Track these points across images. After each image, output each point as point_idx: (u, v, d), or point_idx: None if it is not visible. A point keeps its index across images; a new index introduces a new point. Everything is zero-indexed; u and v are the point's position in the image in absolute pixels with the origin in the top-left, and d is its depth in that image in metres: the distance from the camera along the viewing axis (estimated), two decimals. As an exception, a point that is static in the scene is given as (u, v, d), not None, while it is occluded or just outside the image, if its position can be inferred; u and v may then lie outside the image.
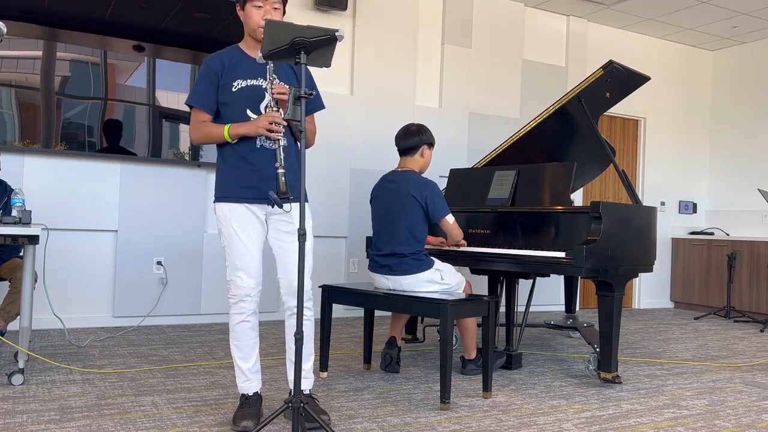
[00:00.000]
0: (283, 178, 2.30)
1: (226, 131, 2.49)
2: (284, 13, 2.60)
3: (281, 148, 2.39)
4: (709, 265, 6.88)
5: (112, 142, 4.62)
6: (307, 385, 2.68)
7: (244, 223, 2.55)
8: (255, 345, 2.63)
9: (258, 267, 2.58)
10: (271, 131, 2.42)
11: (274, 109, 2.45)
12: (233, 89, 2.53)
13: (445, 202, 3.36)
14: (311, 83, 2.70)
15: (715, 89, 7.57)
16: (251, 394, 2.61)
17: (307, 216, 2.67)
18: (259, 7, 2.51)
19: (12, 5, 4.30)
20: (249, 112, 2.55)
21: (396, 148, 3.53)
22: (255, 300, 2.59)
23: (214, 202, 2.62)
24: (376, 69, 5.62)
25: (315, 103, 2.72)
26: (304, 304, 2.65)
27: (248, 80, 2.55)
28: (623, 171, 3.82)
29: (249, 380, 2.62)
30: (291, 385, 2.70)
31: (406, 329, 4.40)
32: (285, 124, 2.44)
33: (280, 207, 2.25)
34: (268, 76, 2.44)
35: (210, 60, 2.57)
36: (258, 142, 2.54)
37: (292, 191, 2.59)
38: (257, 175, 2.54)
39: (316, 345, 3.97)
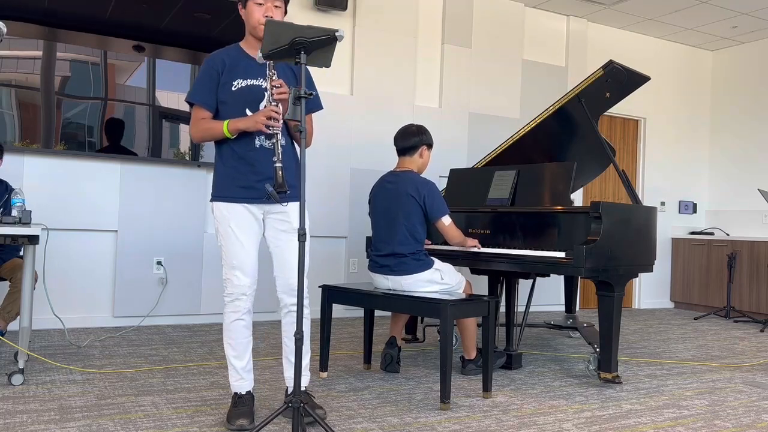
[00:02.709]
0: (280, 172, 2.30)
1: (225, 126, 2.50)
2: (285, 12, 2.60)
3: (279, 143, 2.39)
4: (709, 265, 6.88)
5: (113, 142, 4.62)
6: (304, 381, 2.71)
7: (241, 223, 2.56)
8: (249, 344, 2.64)
9: (254, 266, 2.60)
10: (268, 126, 2.43)
11: (273, 104, 2.45)
12: (233, 88, 2.55)
13: (444, 203, 3.35)
14: (310, 84, 2.69)
15: (715, 89, 7.57)
16: (244, 393, 2.62)
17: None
18: (260, 4, 2.53)
19: (12, 5, 4.30)
20: (248, 112, 2.56)
21: (395, 149, 3.54)
22: (250, 299, 2.61)
23: (211, 200, 2.63)
24: (376, 69, 5.62)
25: (313, 104, 2.71)
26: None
27: (248, 80, 2.56)
28: (623, 171, 3.82)
29: (242, 379, 2.62)
30: (288, 383, 2.73)
31: (406, 329, 4.40)
32: (281, 118, 2.44)
33: (277, 201, 2.24)
34: (267, 73, 2.44)
35: (211, 58, 2.58)
36: (257, 141, 2.55)
37: (290, 190, 2.59)
38: (255, 176, 2.55)
39: (315, 345, 3.98)
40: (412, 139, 3.46)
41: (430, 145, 3.51)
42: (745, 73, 7.22)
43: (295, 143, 2.71)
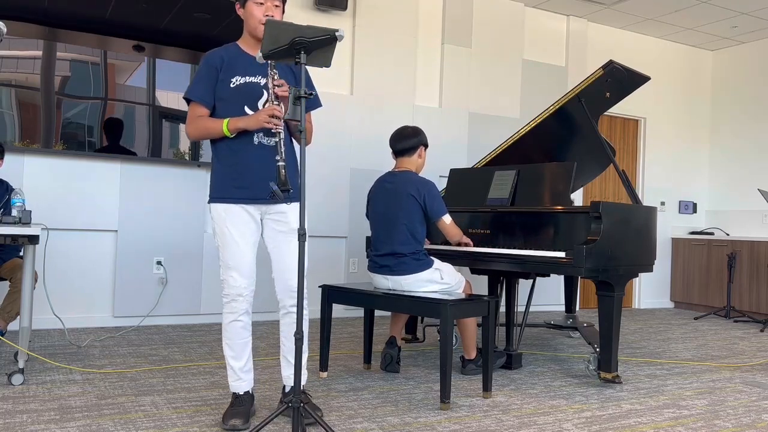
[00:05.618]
0: (283, 171, 2.29)
1: (225, 125, 2.48)
2: (284, 12, 2.60)
3: (282, 141, 2.38)
4: (709, 265, 6.88)
5: (112, 142, 4.62)
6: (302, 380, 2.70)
7: (238, 224, 2.55)
8: (247, 344, 2.63)
9: (251, 267, 2.59)
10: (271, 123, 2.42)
11: (275, 102, 2.45)
12: (231, 85, 2.54)
13: (443, 203, 3.38)
14: (309, 82, 2.70)
15: (715, 89, 7.57)
16: (242, 393, 2.62)
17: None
18: (261, 4, 2.52)
19: (12, 5, 4.30)
20: (247, 109, 2.54)
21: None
22: (247, 300, 2.60)
23: (209, 202, 2.62)
24: (376, 69, 5.62)
25: (313, 102, 2.70)
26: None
27: (247, 77, 2.55)
28: (623, 171, 3.82)
29: (240, 379, 2.62)
30: (285, 381, 2.73)
31: (406, 329, 4.40)
32: (282, 117, 2.43)
33: (281, 199, 2.23)
34: (269, 72, 2.44)
35: (209, 55, 2.57)
36: (256, 138, 2.54)
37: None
38: (253, 175, 2.53)
39: (315, 345, 3.98)
40: (411, 140, 3.47)
41: (426, 146, 3.56)
42: (745, 73, 7.22)
43: (294, 142, 2.71)
